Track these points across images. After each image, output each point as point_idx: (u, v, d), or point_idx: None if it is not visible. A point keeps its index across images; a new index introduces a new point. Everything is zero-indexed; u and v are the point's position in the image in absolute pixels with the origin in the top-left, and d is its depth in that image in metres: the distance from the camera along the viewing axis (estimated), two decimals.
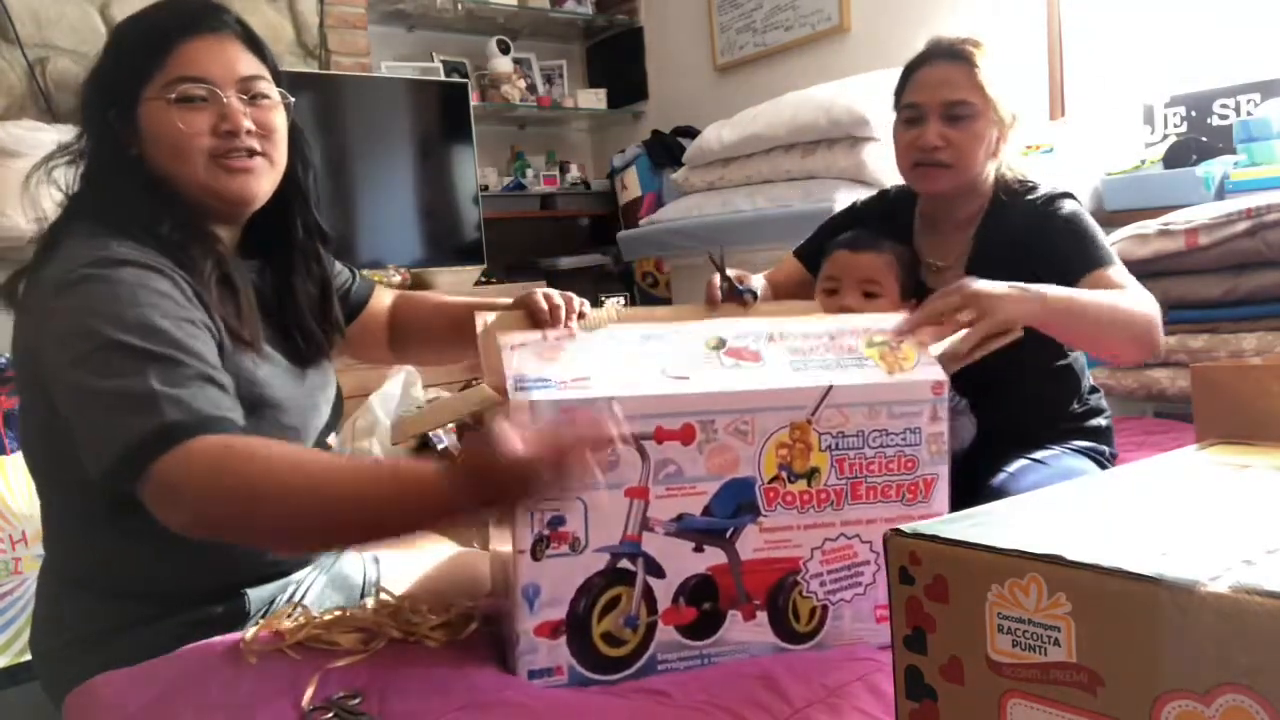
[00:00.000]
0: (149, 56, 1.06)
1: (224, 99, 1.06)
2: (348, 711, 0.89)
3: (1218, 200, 1.97)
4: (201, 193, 1.08)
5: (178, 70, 1.05)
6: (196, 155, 1.06)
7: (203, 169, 1.06)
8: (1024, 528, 0.56)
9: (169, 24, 1.07)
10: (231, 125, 1.06)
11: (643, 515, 0.95)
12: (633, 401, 0.93)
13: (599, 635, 0.96)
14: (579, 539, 0.94)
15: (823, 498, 1.00)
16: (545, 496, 0.87)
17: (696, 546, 0.97)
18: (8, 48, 2.54)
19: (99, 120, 1.07)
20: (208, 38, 1.07)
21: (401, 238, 2.99)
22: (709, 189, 2.73)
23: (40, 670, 1.15)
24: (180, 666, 0.98)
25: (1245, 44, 2.17)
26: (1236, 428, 0.78)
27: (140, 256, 1.01)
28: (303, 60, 3.02)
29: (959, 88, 1.40)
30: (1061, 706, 0.49)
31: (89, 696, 0.97)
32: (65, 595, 1.14)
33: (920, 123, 1.42)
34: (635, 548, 0.95)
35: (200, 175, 1.07)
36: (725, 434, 0.96)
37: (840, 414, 0.99)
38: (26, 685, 1.91)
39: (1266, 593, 0.43)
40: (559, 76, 3.91)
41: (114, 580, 1.10)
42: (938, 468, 1.02)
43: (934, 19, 2.74)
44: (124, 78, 1.06)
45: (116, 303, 0.96)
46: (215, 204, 1.09)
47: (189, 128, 1.05)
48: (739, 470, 0.97)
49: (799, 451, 0.98)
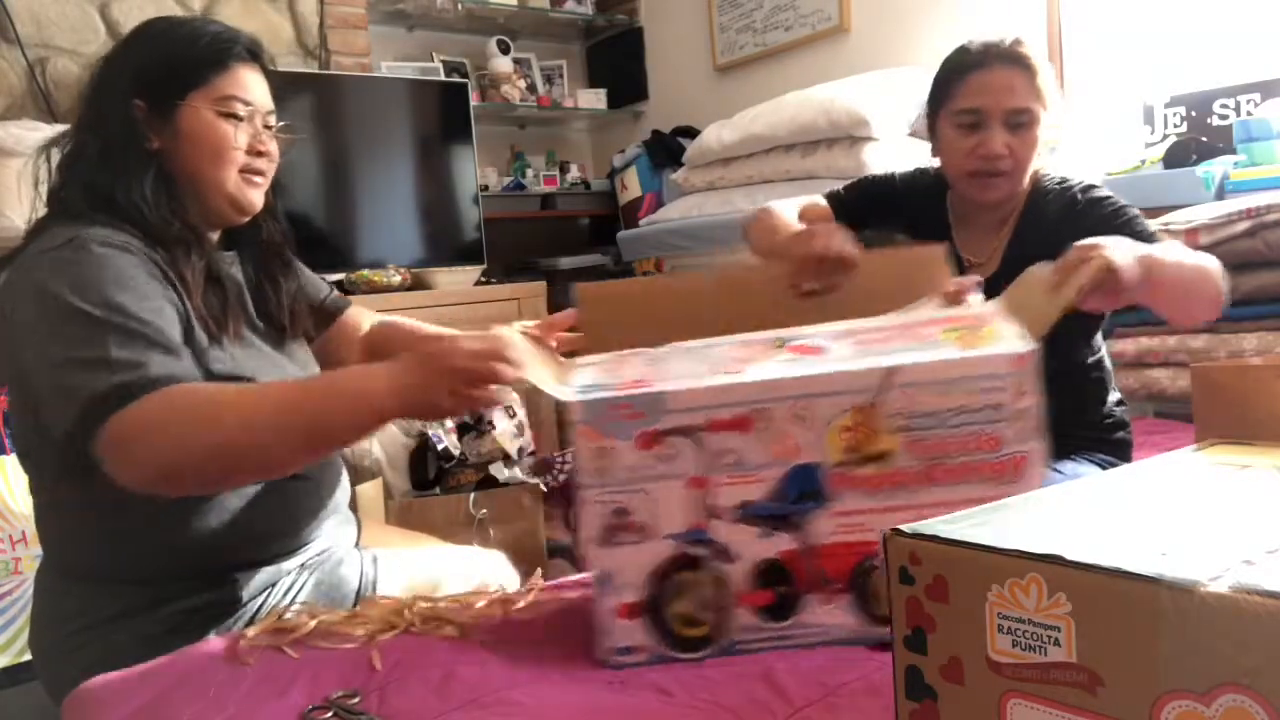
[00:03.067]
0: (206, 68, 1.17)
1: (257, 123, 1.20)
2: (347, 711, 0.89)
3: (1218, 200, 1.97)
4: (223, 198, 1.19)
5: (230, 88, 1.17)
6: (231, 165, 1.18)
7: (233, 178, 1.18)
8: (1024, 528, 0.56)
9: (229, 45, 1.19)
10: (264, 148, 1.21)
11: (706, 504, 0.97)
12: (685, 395, 0.95)
13: (675, 617, 0.98)
14: (645, 526, 0.96)
15: (897, 480, 0.98)
16: (461, 397, 0.98)
17: (764, 532, 0.98)
18: (8, 48, 2.54)
19: (120, 105, 1.14)
20: (254, 67, 1.21)
21: (401, 238, 2.99)
22: (709, 189, 2.73)
23: (40, 667, 1.16)
24: (178, 667, 0.98)
25: (1245, 44, 2.17)
26: (1236, 428, 0.78)
27: (113, 238, 1.07)
28: (303, 60, 3.02)
29: (1022, 95, 1.36)
30: (1061, 706, 0.49)
31: (87, 698, 0.97)
32: (61, 589, 1.15)
33: (980, 129, 1.37)
34: (702, 534, 0.97)
35: (230, 182, 1.18)
36: (783, 421, 0.96)
37: (909, 395, 0.96)
38: (26, 685, 1.91)
39: (1266, 593, 0.43)
40: (559, 76, 3.91)
41: (107, 569, 1.12)
42: (1028, 444, 0.97)
43: (934, 19, 2.75)
44: (170, 78, 1.16)
45: (80, 276, 1.03)
46: (228, 209, 1.20)
47: (232, 140, 1.17)
48: (801, 456, 0.97)
49: (864, 435, 0.97)
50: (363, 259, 2.82)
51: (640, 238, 2.85)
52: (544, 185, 3.77)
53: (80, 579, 1.14)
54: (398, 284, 2.71)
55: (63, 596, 1.15)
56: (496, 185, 3.65)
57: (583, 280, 3.58)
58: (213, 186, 1.18)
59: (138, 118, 1.15)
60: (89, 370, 0.98)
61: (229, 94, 1.17)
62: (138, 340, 1.00)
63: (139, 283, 1.05)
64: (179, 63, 1.16)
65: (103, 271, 1.03)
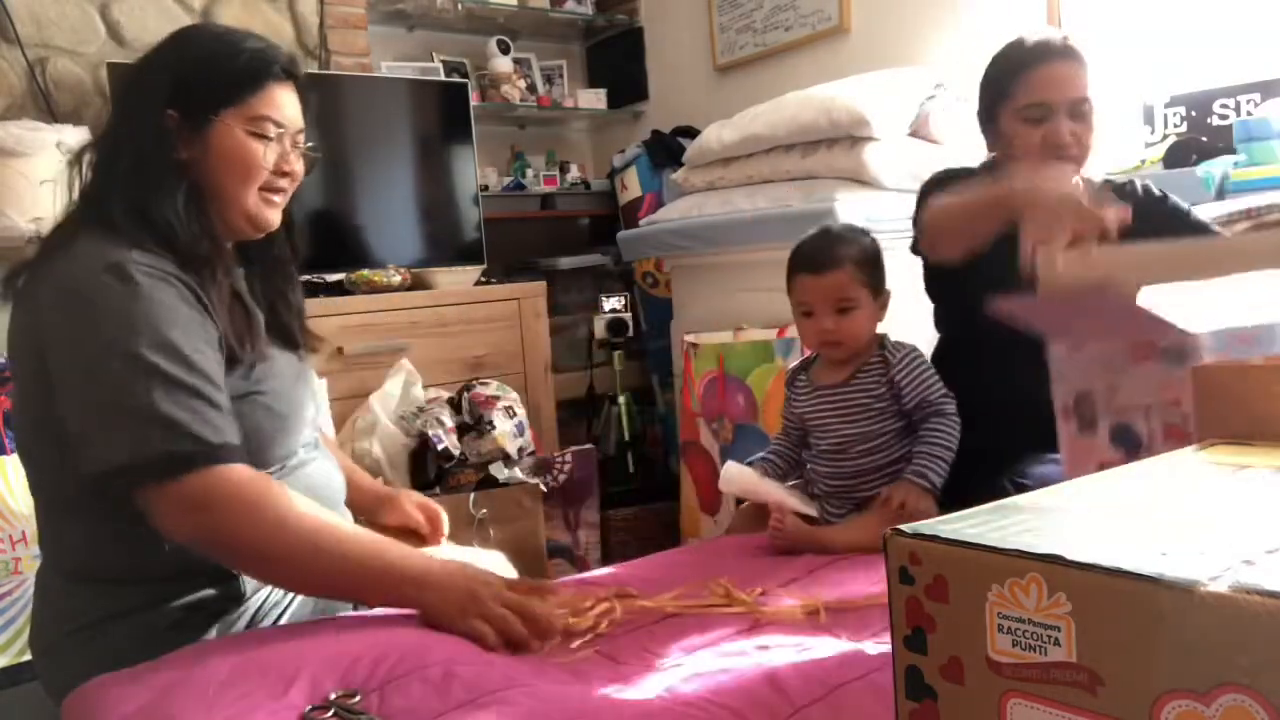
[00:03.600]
0: (242, 86, 1.17)
1: (286, 143, 1.20)
2: (347, 711, 0.89)
3: (1218, 200, 1.97)
4: (242, 215, 1.19)
5: (264, 108, 1.17)
6: (255, 183, 1.18)
7: (254, 196, 1.19)
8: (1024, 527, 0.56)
9: (266, 63, 1.18)
10: (289, 168, 1.22)
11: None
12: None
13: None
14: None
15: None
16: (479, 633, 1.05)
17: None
18: (8, 48, 2.54)
19: (154, 114, 1.14)
20: (289, 86, 1.21)
21: (401, 238, 2.99)
22: (709, 189, 2.73)
23: (40, 667, 1.16)
24: (179, 667, 0.98)
25: (1245, 44, 2.17)
26: (1236, 428, 0.78)
27: (155, 265, 1.07)
28: (302, 60, 3.02)
29: (1082, 85, 1.47)
30: (1061, 706, 0.49)
31: (88, 698, 0.97)
32: (61, 589, 1.15)
33: (1047, 120, 1.46)
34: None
35: (250, 200, 1.19)
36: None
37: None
38: (27, 685, 1.91)
39: (1266, 592, 0.43)
40: (559, 76, 3.91)
41: (107, 568, 1.12)
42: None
43: (934, 19, 2.75)
44: (206, 93, 1.15)
45: (132, 315, 1.03)
46: (245, 226, 1.21)
47: (261, 160, 1.18)
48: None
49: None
50: (363, 259, 2.82)
51: (640, 238, 2.85)
52: (544, 185, 3.77)
53: (81, 579, 1.14)
54: (398, 284, 2.71)
55: (64, 596, 1.15)
56: (496, 185, 3.65)
57: (583, 280, 3.60)
58: (233, 203, 1.18)
59: (169, 128, 1.14)
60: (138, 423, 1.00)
61: (263, 114, 1.17)
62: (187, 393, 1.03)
63: (184, 319, 1.06)
64: (216, 78, 1.16)
65: (152, 308, 1.04)
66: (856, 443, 1.49)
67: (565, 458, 2.49)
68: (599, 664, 1.03)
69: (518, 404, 2.45)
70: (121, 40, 2.71)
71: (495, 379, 2.55)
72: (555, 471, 2.46)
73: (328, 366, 2.43)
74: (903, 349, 1.51)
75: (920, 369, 1.49)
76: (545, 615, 1.07)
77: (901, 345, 1.51)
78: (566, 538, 2.52)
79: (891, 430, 1.49)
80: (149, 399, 1.00)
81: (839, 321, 1.48)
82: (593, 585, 1.28)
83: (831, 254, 1.49)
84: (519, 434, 2.39)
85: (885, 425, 1.49)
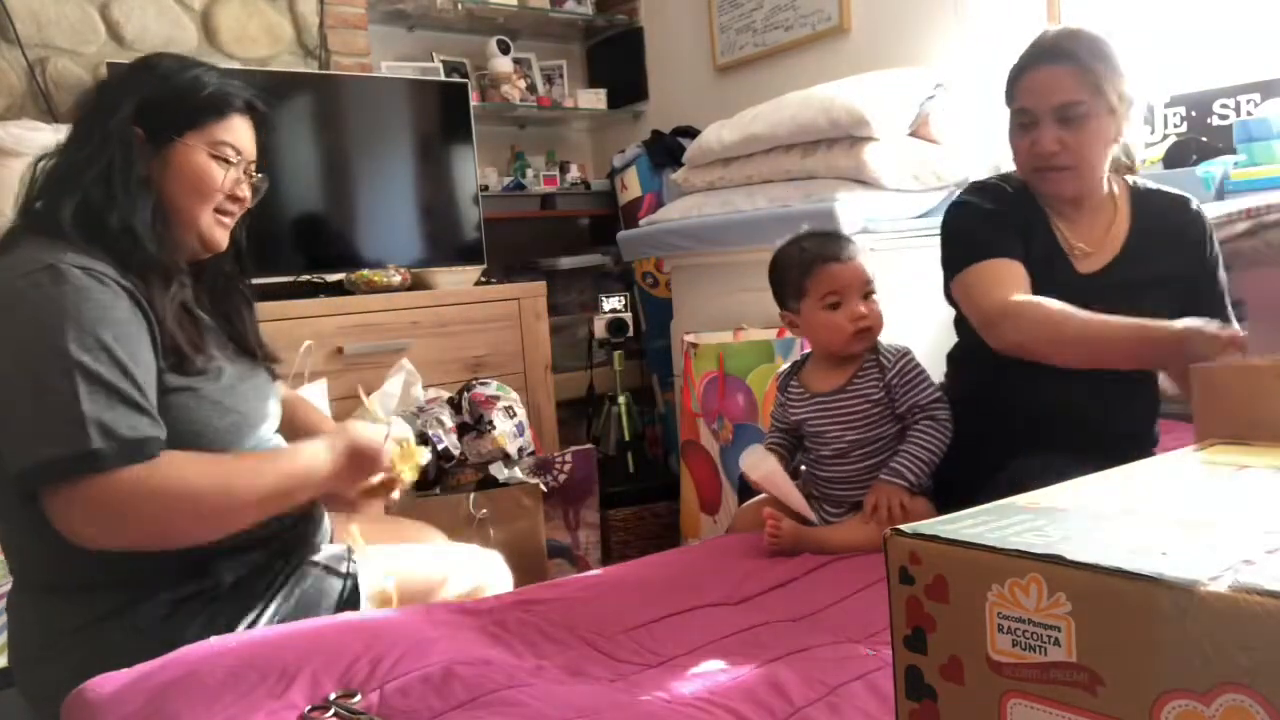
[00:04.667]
0: (208, 111, 1.23)
1: (240, 170, 1.27)
2: (347, 711, 0.89)
3: (1218, 200, 1.97)
4: (194, 233, 1.25)
5: (225, 135, 1.25)
6: (209, 204, 1.25)
7: (207, 216, 1.25)
8: (1024, 527, 0.56)
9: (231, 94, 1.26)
10: (243, 194, 1.29)
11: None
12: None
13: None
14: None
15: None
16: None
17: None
18: (8, 48, 2.54)
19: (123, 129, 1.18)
20: (248, 118, 1.29)
21: (401, 238, 2.99)
22: (709, 189, 2.72)
23: (19, 678, 1.16)
24: (179, 667, 0.98)
25: (1245, 44, 2.17)
26: (1236, 428, 0.78)
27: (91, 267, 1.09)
28: (303, 60, 3.02)
29: (1068, 89, 1.38)
30: (1061, 706, 0.49)
31: (87, 698, 0.97)
32: (32, 603, 1.15)
33: (1034, 128, 1.40)
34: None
35: (204, 220, 1.25)
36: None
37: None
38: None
39: (1266, 592, 0.43)
40: (559, 76, 3.91)
41: (76, 576, 1.11)
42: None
43: (934, 19, 2.74)
44: (172, 114, 1.22)
45: (62, 312, 1.05)
46: (196, 244, 1.27)
47: (218, 182, 1.24)
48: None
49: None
50: (363, 259, 2.82)
51: (640, 238, 2.85)
52: (544, 185, 3.77)
53: (50, 590, 1.13)
54: (398, 284, 2.71)
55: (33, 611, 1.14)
56: (496, 185, 3.65)
57: (583, 280, 3.60)
58: (189, 221, 1.24)
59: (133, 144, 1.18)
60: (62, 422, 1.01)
61: (224, 140, 1.24)
62: (109, 392, 1.04)
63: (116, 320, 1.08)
64: (186, 101, 1.22)
65: (83, 306, 1.06)
66: (858, 447, 1.49)
67: (565, 458, 2.49)
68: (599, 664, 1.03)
69: (518, 404, 2.44)
70: (121, 40, 2.71)
71: (495, 379, 2.55)
72: (555, 471, 2.46)
73: (328, 366, 2.43)
74: (897, 352, 1.51)
75: (914, 373, 1.49)
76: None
77: (895, 348, 1.51)
78: (566, 538, 2.52)
79: (891, 433, 1.49)
80: (72, 397, 1.01)
81: (870, 306, 1.48)
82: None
83: (848, 244, 1.50)
84: (519, 434, 2.39)
85: (885, 429, 1.49)
